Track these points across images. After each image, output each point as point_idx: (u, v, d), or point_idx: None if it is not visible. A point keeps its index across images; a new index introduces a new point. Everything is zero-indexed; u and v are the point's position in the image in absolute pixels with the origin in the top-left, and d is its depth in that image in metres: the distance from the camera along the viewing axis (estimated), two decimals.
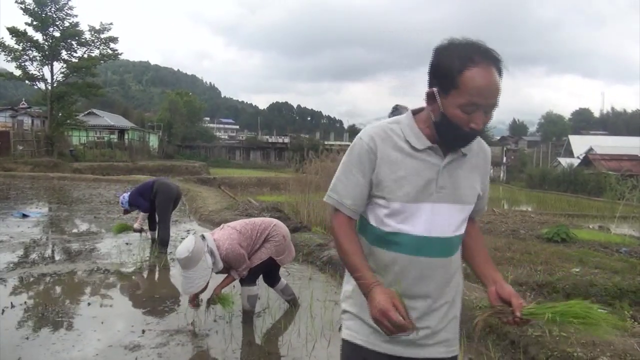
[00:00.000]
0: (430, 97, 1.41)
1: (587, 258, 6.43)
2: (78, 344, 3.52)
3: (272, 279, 4.28)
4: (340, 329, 1.64)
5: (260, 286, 4.17)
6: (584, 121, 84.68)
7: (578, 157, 43.03)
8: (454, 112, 1.35)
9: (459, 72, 1.32)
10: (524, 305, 1.42)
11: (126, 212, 6.85)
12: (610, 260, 6.48)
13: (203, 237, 3.65)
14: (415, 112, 1.52)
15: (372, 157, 1.46)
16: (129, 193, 6.69)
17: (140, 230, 6.78)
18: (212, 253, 3.58)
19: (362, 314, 1.52)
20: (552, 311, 1.38)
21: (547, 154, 54.48)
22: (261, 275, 4.13)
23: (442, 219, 1.47)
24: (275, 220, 4.17)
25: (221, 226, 3.99)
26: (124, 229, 6.86)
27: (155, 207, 6.58)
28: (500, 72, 1.35)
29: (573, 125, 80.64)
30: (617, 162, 34.47)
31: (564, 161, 42.34)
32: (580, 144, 49.52)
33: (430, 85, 1.41)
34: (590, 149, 42.48)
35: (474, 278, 5.54)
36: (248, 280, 3.94)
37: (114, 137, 42.97)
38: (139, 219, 6.64)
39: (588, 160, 38.43)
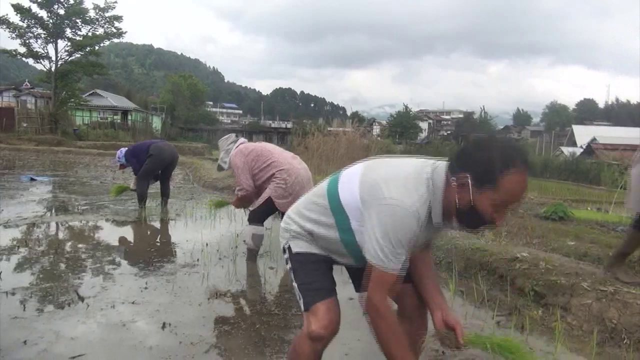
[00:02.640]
0: (462, 184, 1.43)
1: (583, 234, 6.56)
2: (88, 274, 3.75)
3: None
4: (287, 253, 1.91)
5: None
6: (588, 112, 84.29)
7: (581, 147, 43.02)
8: (486, 207, 1.40)
9: (501, 174, 1.37)
10: (465, 334, 1.61)
11: (122, 166, 6.96)
12: (606, 236, 6.62)
13: (234, 141, 4.42)
14: (443, 181, 1.51)
15: (417, 229, 1.50)
16: (127, 149, 6.84)
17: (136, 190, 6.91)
18: (227, 152, 4.38)
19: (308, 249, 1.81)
20: (490, 342, 1.60)
21: (550, 144, 54.44)
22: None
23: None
24: (287, 165, 4.07)
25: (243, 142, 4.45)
26: (122, 190, 7.03)
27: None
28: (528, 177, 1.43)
29: (577, 115, 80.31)
30: (620, 152, 34.49)
31: (567, 150, 42.36)
32: (583, 134, 49.41)
33: (462, 170, 1.44)
34: (594, 139, 42.44)
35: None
36: (254, 219, 4.13)
37: (117, 117, 43.09)
38: (133, 180, 6.80)
39: (591, 149, 38.46)
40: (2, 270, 3.61)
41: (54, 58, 28.40)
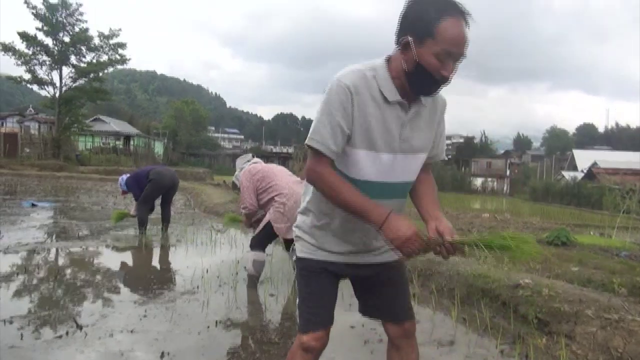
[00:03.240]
0: (404, 46, 1.47)
1: (587, 259, 6.50)
2: (87, 301, 3.72)
3: (290, 243, 4.30)
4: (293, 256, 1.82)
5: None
6: (588, 136, 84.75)
7: (582, 171, 43.07)
8: (429, 59, 1.43)
9: (436, 22, 1.41)
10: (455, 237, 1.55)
11: (124, 192, 7.02)
12: (609, 262, 6.56)
13: (248, 161, 4.55)
14: (387, 60, 1.57)
15: (351, 103, 1.50)
16: (128, 175, 6.90)
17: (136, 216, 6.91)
18: (241, 169, 4.48)
19: (318, 240, 1.71)
20: (479, 238, 1.52)
21: (551, 168, 54.52)
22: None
23: (401, 168, 1.60)
24: (287, 190, 4.05)
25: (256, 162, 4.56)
26: (122, 216, 7.05)
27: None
28: (468, 26, 1.46)
29: (577, 140, 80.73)
30: (621, 176, 34.49)
31: (568, 175, 42.40)
32: (584, 158, 49.54)
33: (403, 35, 1.48)
34: (595, 163, 42.51)
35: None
36: (255, 245, 4.12)
37: (120, 143, 43.39)
38: (133, 206, 6.82)
39: (592, 174, 38.48)
40: (1, 297, 3.59)
41: (58, 84, 28.82)
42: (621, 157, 44.40)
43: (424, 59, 1.44)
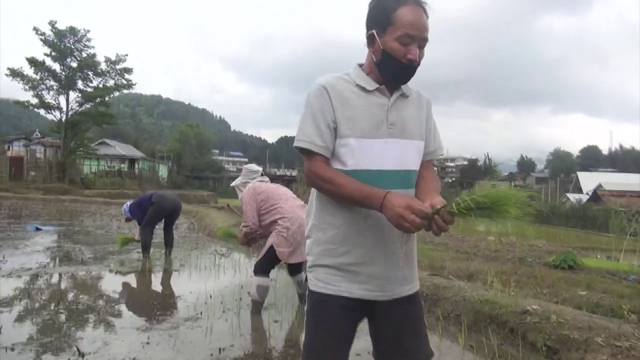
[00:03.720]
0: (370, 39, 1.60)
1: (595, 283, 6.40)
2: (90, 327, 3.68)
3: (294, 268, 4.28)
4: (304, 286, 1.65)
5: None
6: (592, 158, 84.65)
7: (587, 193, 42.90)
8: (393, 45, 1.54)
9: (393, 10, 1.53)
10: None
11: (128, 219, 7.07)
12: (618, 286, 6.46)
13: (254, 178, 4.53)
14: (360, 65, 1.69)
15: (329, 97, 1.57)
16: (131, 202, 6.96)
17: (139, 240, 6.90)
18: (245, 184, 4.47)
19: (332, 262, 1.59)
20: (470, 199, 1.41)
21: (556, 190, 54.31)
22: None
23: (395, 153, 1.60)
24: (290, 214, 4.04)
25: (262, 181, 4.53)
26: (127, 241, 7.05)
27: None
28: (426, 14, 1.56)
29: (581, 162, 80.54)
30: (627, 198, 34.31)
31: (573, 197, 42.22)
32: (589, 180, 49.42)
33: (369, 31, 1.60)
34: (599, 186, 42.37)
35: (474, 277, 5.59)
36: (259, 270, 4.09)
37: (125, 166, 43.62)
38: (138, 230, 6.82)
39: (597, 196, 38.32)
40: (3, 323, 3.55)
41: (64, 109, 29.11)
42: (626, 179, 44.28)
43: (388, 45, 1.55)
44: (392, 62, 1.56)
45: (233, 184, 4.68)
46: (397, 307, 1.63)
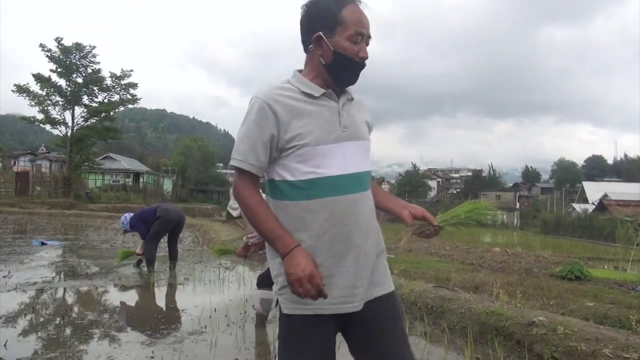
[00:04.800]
0: (317, 42, 1.56)
1: (602, 294, 6.34)
2: (94, 341, 3.68)
3: None
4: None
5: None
6: (597, 168, 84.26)
7: (593, 203, 42.70)
8: (345, 45, 1.53)
9: (339, 10, 1.53)
10: (436, 217, 1.74)
11: (125, 232, 7.04)
12: (625, 297, 6.39)
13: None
14: (298, 71, 1.63)
15: (271, 111, 1.50)
16: (131, 215, 6.91)
17: (143, 254, 6.89)
18: None
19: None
20: (462, 211, 1.78)
21: (561, 201, 54.13)
22: None
23: (353, 156, 1.57)
24: None
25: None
26: (128, 255, 7.05)
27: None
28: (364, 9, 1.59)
29: (586, 172, 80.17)
30: (633, 208, 34.10)
31: (579, 207, 42.04)
32: (594, 190, 49.22)
33: (310, 35, 1.57)
34: (605, 195, 42.17)
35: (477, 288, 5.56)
36: (263, 283, 4.08)
37: (129, 180, 43.81)
38: (139, 244, 6.82)
39: (603, 206, 38.13)
40: (8, 338, 3.55)
41: (70, 124, 29.36)
42: (632, 189, 44.04)
43: (339, 45, 1.53)
44: (345, 62, 1.54)
45: (228, 207, 4.56)
46: (373, 309, 1.58)
